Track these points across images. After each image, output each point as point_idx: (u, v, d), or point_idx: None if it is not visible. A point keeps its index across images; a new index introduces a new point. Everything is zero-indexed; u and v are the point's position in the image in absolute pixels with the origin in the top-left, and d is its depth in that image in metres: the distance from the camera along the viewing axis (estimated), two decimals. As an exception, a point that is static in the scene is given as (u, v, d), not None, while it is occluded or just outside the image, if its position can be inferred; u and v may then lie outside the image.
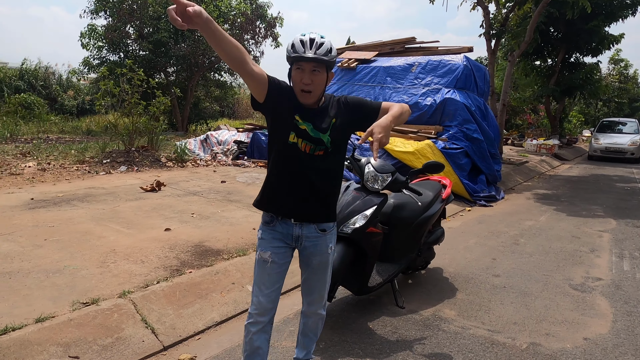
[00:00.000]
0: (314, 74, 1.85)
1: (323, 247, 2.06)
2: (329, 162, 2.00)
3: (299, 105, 1.93)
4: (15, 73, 18.49)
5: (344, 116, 2.00)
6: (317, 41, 1.83)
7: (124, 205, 5.12)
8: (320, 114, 1.97)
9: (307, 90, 1.87)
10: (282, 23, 18.43)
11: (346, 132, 2.04)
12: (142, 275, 3.21)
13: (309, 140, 1.94)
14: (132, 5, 15.02)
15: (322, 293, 2.17)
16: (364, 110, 2.04)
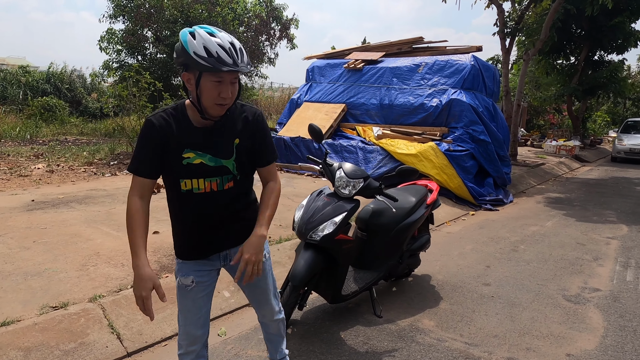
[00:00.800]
0: (234, 85, 1.62)
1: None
2: (243, 191, 1.79)
3: (189, 133, 1.66)
4: (43, 76, 19.15)
5: (247, 137, 1.73)
6: (237, 47, 1.57)
7: (120, 207, 5.19)
8: (219, 133, 1.69)
9: (226, 103, 1.62)
10: (297, 25, 18.49)
11: (249, 156, 1.76)
12: (118, 279, 3.23)
13: (208, 176, 1.68)
14: (150, 10, 15.32)
15: (271, 301, 2.04)
16: (264, 148, 1.78)
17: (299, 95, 9.58)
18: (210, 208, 1.74)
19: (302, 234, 2.78)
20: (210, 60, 1.52)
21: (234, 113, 1.73)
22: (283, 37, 17.81)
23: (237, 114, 1.74)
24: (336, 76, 9.23)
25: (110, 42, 15.99)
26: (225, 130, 1.71)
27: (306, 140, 8.14)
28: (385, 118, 8.27)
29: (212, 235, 1.80)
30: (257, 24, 16.52)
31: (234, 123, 1.73)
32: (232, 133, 1.72)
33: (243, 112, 1.75)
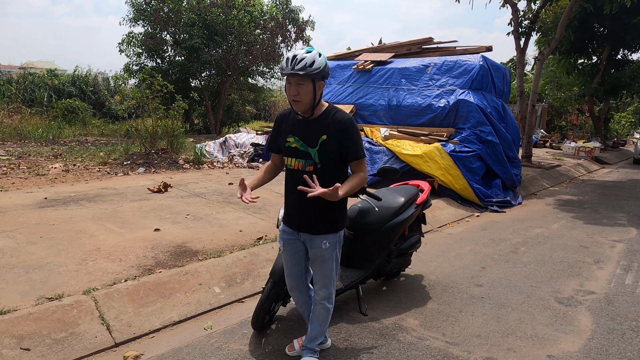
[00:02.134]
0: (300, 86, 2.10)
1: (317, 241, 2.32)
2: (323, 178, 2.13)
3: (293, 123, 2.26)
4: (69, 79, 19.83)
5: (334, 137, 2.17)
6: (298, 58, 2.06)
7: (126, 205, 5.38)
8: (311, 127, 2.21)
9: (295, 100, 2.13)
10: (313, 26, 18.58)
11: (336, 152, 2.20)
12: (114, 274, 3.37)
13: (298, 157, 2.23)
14: (168, 13, 15.69)
15: (321, 285, 2.41)
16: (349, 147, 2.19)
17: (309, 97, 9.65)
18: (295, 182, 2.22)
19: (285, 232, 2.84)
20: (280, 69, 2.14)
21: (328, 115, 2.21)
22: (299, 38, 17.94)
23: (331, 116, 2.20)
24: (345, 77, 9.28)
25: (130, 45, 16.46)
26: (315, 126, 2.20)
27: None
28: (393, 119, 8.27)
29: (294, 208, 2.34)
30: (273, 26, 16.69)
31: (325, 122, 2.19)
32: (320, 129, 2.19)
33: (335, 115, 2.20)
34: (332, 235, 2.32)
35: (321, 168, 2.21)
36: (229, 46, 16.15)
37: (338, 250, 2.39)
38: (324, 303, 2.45)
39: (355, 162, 2.24)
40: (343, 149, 2.19)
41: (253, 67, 17.80)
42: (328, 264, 2.36)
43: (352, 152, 2.21)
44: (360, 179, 2.23)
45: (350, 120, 2.21)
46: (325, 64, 2.12)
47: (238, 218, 5.07)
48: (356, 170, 2.26)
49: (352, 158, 2.23)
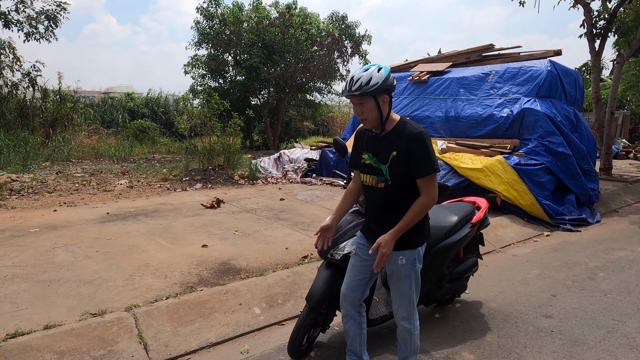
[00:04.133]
0: (362, 105, 2.10)
1: (394, 257, 2.21)
2: (394, 195, 2.16)
3: (368, 140, 2.25)
4: (143, 101, 21.37)
5: (403, 152, 2.11)
6: (355, 78, 2.07)
7: (180, 220, 5.50)
8: (383, 143, 2.18)
9: (362, 119, 2.14)
10: (369, 41, 18.51)
11: (405, 168, 2.12)
12: (157, 290, 3.38)
13: (371, 173, 2.21)
14: (230, 36, 16.41)
15: (399, 303, 2.29)
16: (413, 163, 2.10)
17: (363, 110, 9.49)
18: (370, 198, 2.29)
19: (323, 252, 2.67)
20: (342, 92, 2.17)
21: (398, 130, 2.14)
22: (355, 53, 17.93)
23: (400, 131, 2.14)
24: (400, 89, 9.00)
25: (194, 67, 17.39)
26: (387, 142, 2.16)
27: (367, 155, 8.00)
28: (451, 131, 7.84)
29: (369, 220, 2.34)
30: (329, 43, 16.83)
31: (396, 138, 2.13)
32: (391, 145, 2.14)
33: (405, 130, 2.13)
34: (409, 252, 2.22)
35: (392, 185, 2.17)
36: (287, 64, 16.50)
37: (418, 267, 2.27)
38: (404, 324, 2.33)
39: (421, 180, 2.12)
40: (411, 165, 2.11)
41: (310, 83, 18.03)
42: (405, 281, 2.25)
43: (416, 167, 2.11)
44: (422, 205, 2.12)
45: (420, 133, 2.10)
46: (386, 77, 2.08)
47: (285, 235, 4.97)
48: (421, 191, 2.14)
49: (417, 174, 2.12)
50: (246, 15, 16.87)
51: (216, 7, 16.84)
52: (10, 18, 11.56)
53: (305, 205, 6.64)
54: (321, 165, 9.01)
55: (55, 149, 11.65)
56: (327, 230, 2.37)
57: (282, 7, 17.67)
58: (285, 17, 16.15)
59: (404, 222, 2.11)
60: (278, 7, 17.76)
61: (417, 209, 2.12)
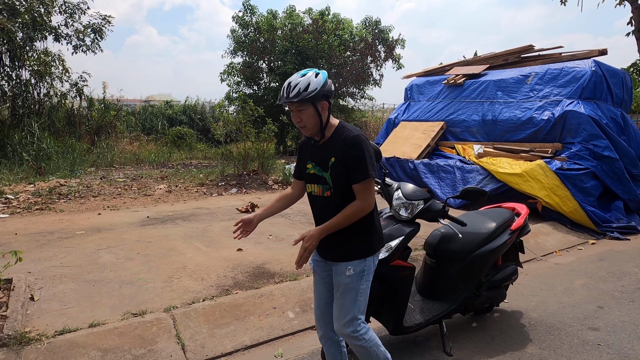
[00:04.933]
0: (301, 112, 2.00)
1: (342, 268, 2.11)
2: (339, 203, 2.03)
3: (311, 149, 2.15)
4: (181, 109, 22.10)
5: (341, 158, 2.01)
6: (292, 84, 1.96)
7: (216, 224, 5.62)
8: (323, 150, 2.08)
9: (301, 126, 2.05)
10: (403, 44, 18.37)
11: (345, 174, 2.02)
12: (194, 292, 3.46)
13: (317, 182, 2.11)
14: (264, 43, 16.73)
15: (338, 314, 2.13)
16: (349, 169, 2.00)
17: (396, 115, 9.42)
18: (316, 207, 2.18)
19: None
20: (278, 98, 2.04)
21: (336, 135, 2.05)
22: (389, 57, 17.83)
23: (338, 136, 2.05)
24: (435, 93, 8.87)
25: (230, 75, 17.80)
26: (326, 149, 2.07)
27: (401, 160, 7.92)
28: (488, 135, 7.64)
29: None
30: (362, 48, 16.83)
31: (334, 144, 2.05)
32: (330, 152, 2.05)
33: (342, 134, 2.03)
34: (357, 262, 2.09)
35: (335, 192, 2.06)
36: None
37: (366, 282, 2.11)
38: (352, 342, 2.13)
39: (356, 186, 2.00)
40: (349, 170, 2.00)
41: (343, 88, 18.06)
42: (350, 295, 2.08)
43: (352, 173, 1.99)
44: (354, 209, 1.99)
45: (355, 137, 1.99)
46: (324, 82, 1.98)
47: (319, 240, 4.98)
48: (357, 196, 2.01)
49: (352, 180, 2.00)
50: (280, 23, 17.15)
51: (251, 15, 17.22)
52: (60, 32, 12.25)
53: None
54: (354, 170, 8.96)
55: (100, 155, 12.20)
56: (248, 224, 2.25)
57: (315, 13, 17.85)
58: (319, 24, 16.29)
59: (333, 221, 1.99)
60: (311, 13, 17.95)
61: (350, 212, 1.99)
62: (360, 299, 2.10)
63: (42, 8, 11.34)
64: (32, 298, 3.24)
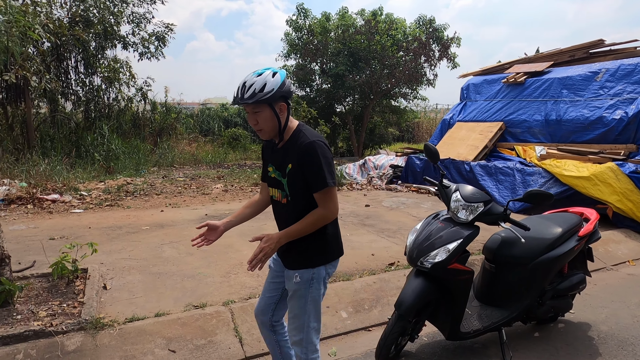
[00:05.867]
0: (257, 114, 1.88)
1: (290, 274, 2.05)
2: (295, 212, 1.94)
3: (272, 151, 2.05)
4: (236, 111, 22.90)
5: (298, 164, 1.90)
6: (247, 84, 1.84)
7: (270, 223, 5.71)
8: (281, 155, 1.98)
9: (257, 129, 1.94)
10: (459, 43, 17.84)
11: (303, 182, 1.91)
12: (250, 288, 3.58)
13: (277, 187, 2.02)
14: (317, 45, 16.91)
15: (293, 327, 2.07)
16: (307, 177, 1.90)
17: (452, 115, 9.16)
18: (275, 212, 2.13)
19: (413, 260, 2.63)
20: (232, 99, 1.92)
21: (293, 140, 1.93)
22: (443, 56, 17.38)
23: (295, 141, 1.92)
24: (493, 92, 8.54)
25: (283, 78, 18.16)
26: (284, 154, 1.96)
27: (456, 162, 7.69)
28: (552, 136, 7.23)
29: None
30: (415, 47, 16.53)
31: (291, 149, 1.93)
32: (287, 158, 1.94)
33: (299, 140, 1.91)
34: (305, 271, 1.99)
35: (291, 200, 1.96)
36: (372, 71, 16.52)
37: (316, 290, 2.02)
38: (296, 349, 2.08)
39: (316, 195, 1.89)
40: (307, 179, 1.89)
41: (395, 89, 17.84)
42: (299, 302, 2.02)
43: (312, 181, 1.88)
44: (316, 217, 1.90)
45: (311, 143, 1.86)
46: (282, 82, 1.86)
47: (371, 241, 4.96)
48: (318, 204, 1.91)
49: (314, 188, 1.89)
50: (333, 25, 17.26)
51: (304, 18, 17.46)
52: (128, 40, 13.11)
53: (390, 212, 6.57)
54: (407, 171, 8.84)
55: (162, 155, 12.90)
56: (213, 230, 2.16)
57: (368, 14, 17.78)
58: (371, 24, 16.21)
59: (295, 228, 1.90)
60: (364, 14, 17.90)
61: (311, 220, 1.90)
62: (309, 306, 2.03)
63: (112, 19, 12.19)
64: (105, 287, 3.50)
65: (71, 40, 11.00)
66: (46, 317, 2.91)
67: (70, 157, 9.97)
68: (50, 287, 3.38)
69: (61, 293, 3.31)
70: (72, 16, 11.30)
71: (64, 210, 6.42)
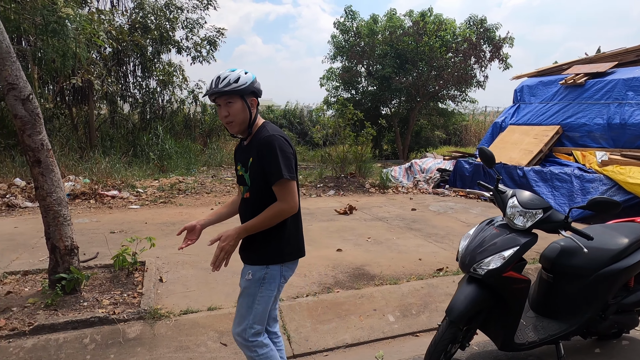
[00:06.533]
0: (229, 105, 1.94)
1: (245, 270, 2.08)
2: (256, 206, 1.96)
3: (240, 149, 2.11)
4: (281, 113, 23.30)
5: (257, 158, 1.95)
6: (221, 76, 1.93)
7: (315, 224, 5.82)
8: (247, 150, 2.03)
9: (228, 121, 1.97)
10: (512, 43, 17.21)
11: (262, 176, 1.95)
12: (298, 288, 3.63)
13: (242, 184, 2.05)
14: (364, 47, 16.87)
15: (236, 320, 2.07)
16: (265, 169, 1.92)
17: (504, 118, 8.84)
18: (240, 209, 2.12)
19: (465, 266, 2.57)
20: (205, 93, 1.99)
21: (257, 135, 1.99)
22: (495, 57, 16.80)
23: (257, 136, 1.99)
24: (550, 95, 8.16)
25: (329, 80, 18.27)
26: (249, 149, 2.02)
27: (508, 167, 7.41)
28: (615, 141, 6.81)
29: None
30: (465, 48, 16.10)
31: (253, 144, 1.99)
32: (249, 152, 2.00)
33: (260, 134, 1.98)
34: (258, 268, 1.99)
35: (252, 194, 2.00)
36: (419, 72, 16.27)
37: (267, 290, 2.01)
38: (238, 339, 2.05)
39: (275, 187, 1.91)
40: (265, 172, 1.92)
41: (443, 91, 17.45)
42: (246, 299, 2.01)
43: (269, 173, 1.91)
44: (275, 211, 1.90)
45: (269, 137, 1.92)
46: (253, 80, 1.96)
47: (418, 245, 4.89)
48: (277, 197, 1.92)
49: (271, 181, 1.91)
50: (380, 27, 17.16)
51: (352, 20, 17.49)
52: (181, 45, 13.68)
53: (438, 216, 6.43)
54: (455, 176, 8.62)
55: (211, 155, 13.35)
56: (191, 232, 2.17)
57: (416, 15, 17.53)
58: (419, 25, 15.96)
59: (253, 222, 1.91)
60: (412, 16, 17.66)
61: (270, 213, 1.90)
62: (257, 306, 2.00)
63: (168, 24, 12.78)
64: (161, 280, 3.68)
65: (130, 46, 11.64)
66: (109, 306, 3.10)
67: (127, 156, 10.54)
68: (112, 278, 3.60)
69: (122, 283, 3.52)
70: (132, 23, 11.95)
71: (122, 206, 6.80)
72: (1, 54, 2.90)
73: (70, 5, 7.09)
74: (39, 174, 3.09)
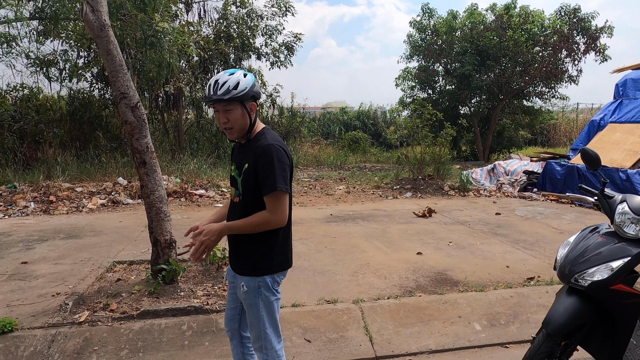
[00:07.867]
0: (228, 112, 1.89)
1: (238, 282, 2.02)
2: (245, 211, 1.91)
3: (237, 150, 2.07)
4: (355, 114, 23.38)
5: (253, 165, 1.90)
6: (220, 82, 1.86)
7: (393, 226, 5.75)
8: (244, 154, 1.98)
9: (226, 128, 1.93)
10: (611, 32, 15.63)
11: (255, 183, 1.90)
12: (379, 289, 3.62)
13: (234, 185, 2.02)
14: (441, 45, 16.34)
15: (251, 333, 2.03)
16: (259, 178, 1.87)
17: (603, 116, 8.05)
18: (229, 211, 2.07)
19: (565, 276, 2.38)
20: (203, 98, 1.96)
21: (255, 141, 1.94)
22: (590, 49, 15.35)
23: (255, 142, 1.93)
24: (659, 89, 7.27)
25: (405, 80, 17.95)
26: (245, 153, 1.96)
27: (608, 169, 6.74)
28: None
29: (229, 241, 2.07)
30: (555, 41, 14.91)
31: (251, 149, 1.93)
32: (246, 157, 1.94)
33: (259, 141, 1.92)
34: (250, 279, 1.94)
35: (244, 200, 1.94)
36: (502, 69, 15.39)
37: (266, 297, 1.96)
38: (258, 355, 2.04)
39: (266, 197, 1.86)
40: (259, 181, 1.87)
41: (529, 88, 16.32)
42: (252, 310, 1.98)
43: (263, 182, 1.86)
44: (260, 219, 1.86)
45: (268, 146, 1.85)
46: (253, 83, 1.89)
47: (505, 252, 4.62)
48: (267, 207, 1.87)
49: (264, 190, 1.86)
50: (460, 23, 16.50)
51: (429, 18, 17.04)
52: (261, 51, 14.29)
53: (525, 221, 6.03)
54: (544, 178, 8.02)
55: (288, 157, 13.76)
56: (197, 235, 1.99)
57: (499, 8, 16.59)
58: (503, 19, 15.09)
59: (238, 223, 1.87)
60: (495, 9, 16.74)
61: (255, 220, 1.85)
62: (262, 313, 1.97)
63: (249, 32, 13.42)
64: (247, 275, 3.87)
65: (215, 54, 12.39)
66: (203, 296, 3.34)
67: (212, 157, 11.23)
68: (203, 271, 3.87)
69: (212, 276, 3.76)
70: (217, 32, 12.73)
71: (209, 204, 7.27)
72: (115, 67, 3.26)
73: (165, 19, 7.74)
74: (144, 173, 3.42)
